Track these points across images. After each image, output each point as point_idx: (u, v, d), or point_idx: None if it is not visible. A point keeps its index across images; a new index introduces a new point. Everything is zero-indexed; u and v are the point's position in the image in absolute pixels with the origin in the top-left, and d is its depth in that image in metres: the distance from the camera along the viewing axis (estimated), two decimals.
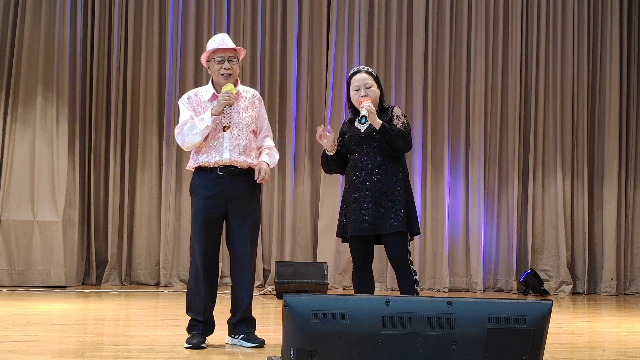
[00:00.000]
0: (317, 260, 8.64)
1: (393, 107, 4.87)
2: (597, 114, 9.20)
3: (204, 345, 4.72)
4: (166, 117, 8.86)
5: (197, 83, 8.84)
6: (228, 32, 8.88)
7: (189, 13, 8.94)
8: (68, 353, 4.52)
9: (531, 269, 8.77)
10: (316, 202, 8.99)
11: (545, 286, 8.81)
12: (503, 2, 9.14)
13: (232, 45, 4.81)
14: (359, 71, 4.87)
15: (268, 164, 4.81)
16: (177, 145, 8.71)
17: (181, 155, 8.84)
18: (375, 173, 4.73)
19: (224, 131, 4.73)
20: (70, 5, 8.66)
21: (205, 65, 4.91)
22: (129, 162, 8.87)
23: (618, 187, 9.06)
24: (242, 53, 4.90)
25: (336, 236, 5.01)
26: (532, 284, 8.63)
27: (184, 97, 4.91)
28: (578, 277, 9.03)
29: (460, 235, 8.96)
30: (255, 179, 4.77)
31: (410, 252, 4.75)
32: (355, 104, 4.81)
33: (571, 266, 8.99)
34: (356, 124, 4.84)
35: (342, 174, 5.00)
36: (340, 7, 9.02)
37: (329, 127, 4.89)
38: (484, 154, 9.02)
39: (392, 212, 4.68)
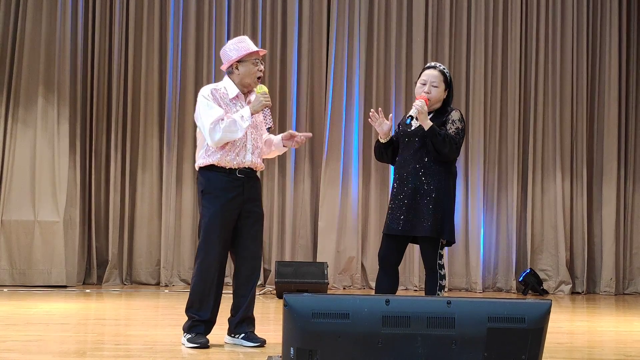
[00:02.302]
0: (317, 260, 8.64)
1: (452, 111, 4.76)
2: (596, 114, 9.21)
3: (209, 345, 4.72)
4: (167, 117, 8.86)
5: (197, 83, 8.84)
6: (228, 32, 8.90)
7: (189, 13, 8.95)
8: (69, 353, 4.53)
9: (530, 268, 8.78)
10: (316, 202, 9.00)
11: (545, 286, 8.82)
12: (503, 2, 9.15)
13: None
14: (433, 67, 4.80)
15: None
16: (178, 145, 8.84)
17: (182, 155, 8.85)
18: (414, 172, 4.68)
19: (269, 131, 4.83)
20: (71, 5, 8.67)
21: (229, 66, 4.82)
22: (130, 162, 8.87)
23: (617, 187, 9.06)
24: (263, 54, 4.96)
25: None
26: (531, 283, 8.64)
27: (207, 92, 4.78)
28: (577, 276, 9.03)
29: (459, 235, 8.94)
30: (297, 140, 4.94)
31: (441, 256, 4.69)
32: (416, 96, 4.74)
33: (570, 266, 9.00)
34: (414, 119, 4.75)
35: (392, 165, 4.93)
36: (340, 7, 9.02)
37: (390, 115, 4.85)
38: (484, 154, 9.03)
39: (423, 215, 4.64)
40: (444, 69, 4.81)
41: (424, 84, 4.74)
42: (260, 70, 4.83)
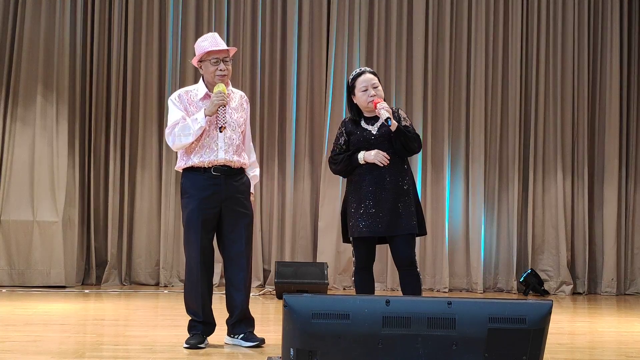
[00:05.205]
0: (317, 260, 8.63)
1: (398, 109, 4.90)
2: (597, 114, 9.20)
3: (202, 345, 4.72)
4: (166, 116, 8.83)
5: (197, 82, 8.81)
6: (228, 32, 8.89)
7: (189, 13, 8.94)
8: (68, 353, 4.52)
9: (531, 269, 8.77)
10: (316, 202, 8.98)
11: (546, 286, 8.81)
12: (503, 2, 9.14)
13: (225, 45, 4.80)
14: (363, 72, 4.87)
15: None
16: None
17: None
18: (389, 175, 4.76)
19: (220, 132, 4.70)
20: (70, 5, 8.66)
21: (196, 66, 4.88)
22: (129, 161, 8.86)
23: (618, 187, 9.05)
24: (233, 52, 4.89)
25: (344, 242, 5.00)
26: (532, 284, 8.62)
27: (174, 96, 4.87)
28: (578, 277, 9.02)
29: (460, 236, 8.95)
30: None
31: (415, 253, 4.83)
32: (364, 104, 4.81)
33: (571, 266, 8.99)
34: (363, 124, 4.85)
35: (346, 177, 4.99)
36: (340, 8, 9.01)
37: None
38: (484, 154, 9.01)
39: (406, 214, 4.75)
40: (372, 70, 4.96)
41: (366, 90, 4.80)
42: (222, 70, 4.74)
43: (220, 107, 4.68)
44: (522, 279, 8.72)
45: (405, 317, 3.06)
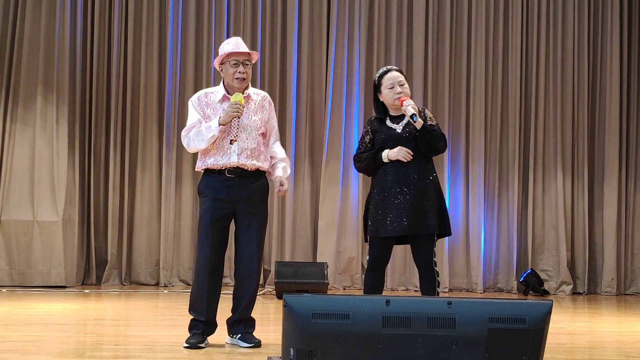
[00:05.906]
0: (317, 260, 8.63)
1: (424, 109, 4.89)
2: (597, 114, 9.20)
3: (202, 345, 4.72)
4: (166, 117, 8.85)
5: (197, 83, 8.84)
6: (228, 32, 8.89)
7: (189, 13, 8.94)
8: (68, 353, 4.52)
9: (531, 269, 8.77)
10: (316, 202, 8.98)
11: (546, 286, 8.81)
12: (503, 2, 9.14)
13: (246, 49, 4.82)
14: (389, 70, 4.89)
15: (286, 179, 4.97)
16: (177, 145, 8.83)
17: (181, 156, 8.84)
18: (413, 174, 4.74)
19: (231, 144, 4.75)
20: (70, 5, 8.66)
21: (217, 69, 4.90)
22: (129, 162, 8.86)
23: (618, 187, 9.05)
24: (255, 57, 4.90)
25: (365, 241, 4.96)
26: (532, 284, 8.62)
27: (194, 98, 4.91)
28: (578, 277, 9.02)
29: (460, 236, 8.95)
30: (277, 191, 4.93)
31: (435, 253, 4.77)
32: (390, 101, 4.82)
33: (571, 266, 8.99)
34: (388, 123, 4.85)
35: (370, 175, 4.97)
36: (340, 7, 9.01)
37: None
38: (484, 154, 9.02)
39: (429, 213, 4.72)
40: (399, 68, 4.96)
41: (392, 87, 4.82)
42: (240, 72, 4.76)
43: (234, 119, 4.71)
44: (522, 279, 8.72)
45: (405, 317, 3.06)
